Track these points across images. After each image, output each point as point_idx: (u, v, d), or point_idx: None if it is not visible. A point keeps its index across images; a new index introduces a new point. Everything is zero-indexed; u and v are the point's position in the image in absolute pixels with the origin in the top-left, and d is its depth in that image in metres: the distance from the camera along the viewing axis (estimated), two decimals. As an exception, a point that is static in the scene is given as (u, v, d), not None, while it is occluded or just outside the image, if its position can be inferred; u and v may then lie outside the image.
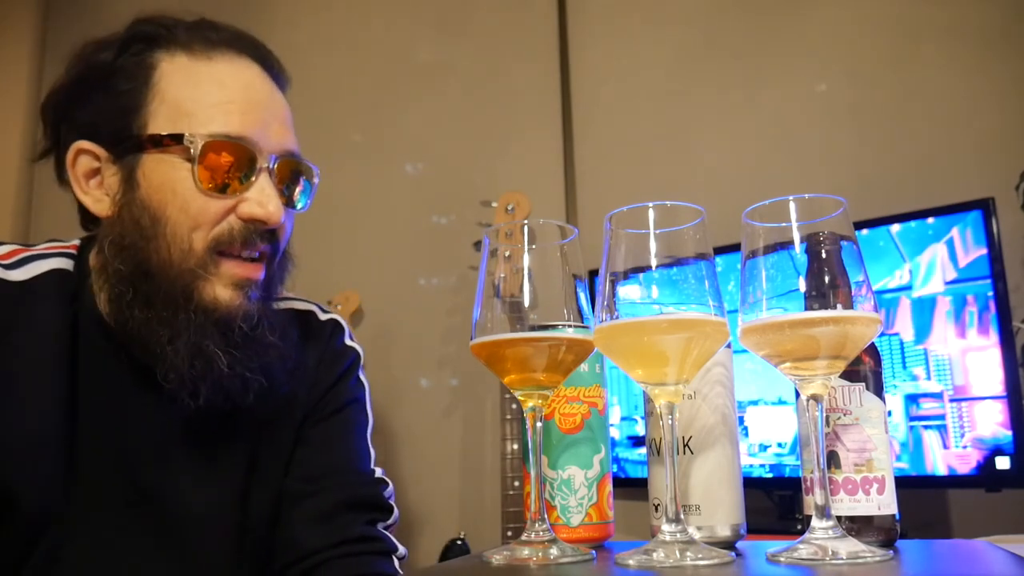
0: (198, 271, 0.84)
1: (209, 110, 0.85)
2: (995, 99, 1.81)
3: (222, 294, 0.85)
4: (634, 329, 0.61)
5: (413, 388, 2.37)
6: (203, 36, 0.89)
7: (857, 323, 0.59)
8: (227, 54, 0.89)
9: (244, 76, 0.89)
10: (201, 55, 0.87)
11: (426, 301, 2.41)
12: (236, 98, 0.86)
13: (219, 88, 0.86)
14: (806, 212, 0.62)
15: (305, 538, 0.91)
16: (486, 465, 2.24)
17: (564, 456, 0.74)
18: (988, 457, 1.41)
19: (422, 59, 2.57)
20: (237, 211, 0.85)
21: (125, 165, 0.86)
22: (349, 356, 1.03)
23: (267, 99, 0.90)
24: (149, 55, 0.87)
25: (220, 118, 0.85)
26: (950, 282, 1.48)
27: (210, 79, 0.87)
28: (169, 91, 0.86)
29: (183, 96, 0.86)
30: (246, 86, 0.88)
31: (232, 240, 0.85)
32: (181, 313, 0.83)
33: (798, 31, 2.06)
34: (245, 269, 0.86)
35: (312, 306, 1.05)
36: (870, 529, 0.66)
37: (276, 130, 0.88)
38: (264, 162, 0.86)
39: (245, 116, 0.86)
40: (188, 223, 0.84)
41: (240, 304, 0.85)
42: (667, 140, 2.18)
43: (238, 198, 0.85)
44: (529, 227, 0.68)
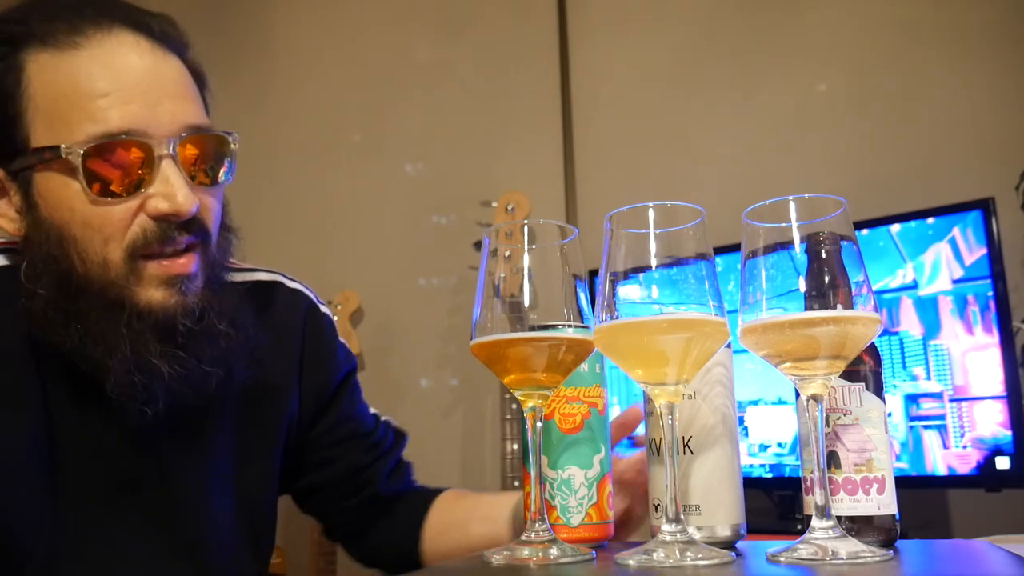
0: (121, 282, 0.78)
1: (85, 110, 0.76)
2: (995, 99, 1.81)
3: (154, 296, 0.79)
4: (634, 329, 0.61)
5: (413, 388, 2.37)
6: (64, 22, 0.78)
7: (857, 323, 0.59)
8: (94, 36, 0.78)
9: (118, 58, 0.78)
10: (65, 46, 0.78)
11: (426, 301, 2.40)
12: (111, 88, 0.77)
13: (89, 80, 0.77)
14: (806, 212, 0.62)
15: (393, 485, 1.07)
16: (486, 465, 2.24)
17: (564, 456, 0.74)
18: (988, 457, 1.41)
19: (422, 59, 2.57)
20: (145, 209, 0.78)
21: (22, 183, 0.80)
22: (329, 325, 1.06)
23: (150, 77, 0.79)
24: (14, 58, 0.78)
25: (96, 115, 0.76)
26: (952, 281, 1.48)
27: (78, 72, 0.77)
28: (38, 95, 0.78)
29: (52, 98, 0.77)
30: (122, 69, 0.78)
31: (148, 242, 0.78)
32: (114, 327, 0.78)
33: (798, 31, 2.06)
34: (171, 266, 0.80)
35: (278, 276, 1.03)
36: (870, 529, 0.66)
37: (168, 108, 0.79)
38: (162, 149, 0.78)
39: (125, 106, 0.76)
40: (96, 237, 0.77)
41: (176, 302, 0.79)
42: (667, 140, 2.18)
43: (143, 195, 0.78)
44: (529, 227, 0.68)
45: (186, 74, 0.84)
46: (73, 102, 0.77)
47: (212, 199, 0.84)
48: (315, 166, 2.60)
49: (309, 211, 2.59)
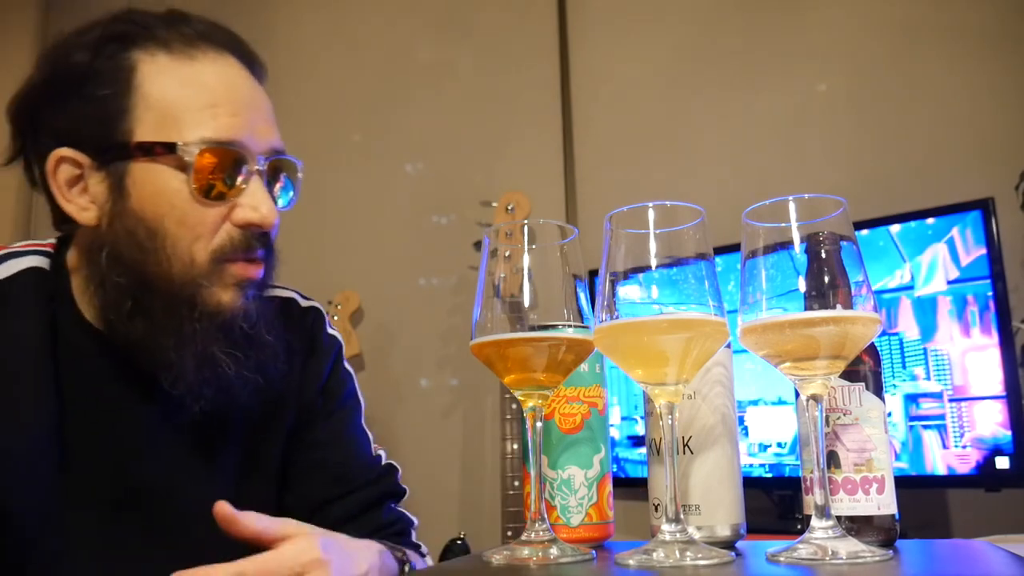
0: (201, 281, 0.82)
1: (197, 115, 0.82)
2: (995, 99, 1.81)
3: (225, 297, 0.83)
4: (634, 329, 0.61)
5: (413, 388, 2.38)
6: (180, 32, 0.85)
7: (857, 323, 0.59)
8: (208, 52, 0.85)
9: (227, 75, 0.85)
10: (182, 54, 0.84)
11: (426, 301, 2.41)
12: (222, 100, 0.83)
13: (205, 90, 0.83)
14: (806, 212, 0.62)
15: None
16: (486, 465, 2.24)
17: (564, 456, 0.74)
18: (988, 457, 1.41)
19: (422, 59, 2.57)
20: (232, 217, 0.83)
21: (112, 173, 0.82)
22: (335, 347, 1.04)
23: (251, 97, 0.87)
24: (126, 56, 0.83)
25: (210, 123, 0.82)
26: (952, 281, 1.48)
27: (194, 80, 0.83)
28: (153, 94, 0.82)
29: (168, 100, 0.82)
30: (231, 86, 0.85)
31: (234, 248, 0.83)
32: (186, 323, 0.81)
33: (798, 31, 2.06)
34: (246, 269, 0.85)
35: (293, 293, 1.04)
36: (870, 529, 0.66)
37: (262, 129, 0.86)
38: (254, 164, 0.84)
39: (234, 119, 0.83)
40: (188, 235, 0.81)
41: (240, 304, 0.84)
42: (667, 140, 2.18)
43: (231, 204, 0.83)
44: (529, 227, 0.68)
45: (269, 101, 0.91)
46: (187, 106, 0.82)
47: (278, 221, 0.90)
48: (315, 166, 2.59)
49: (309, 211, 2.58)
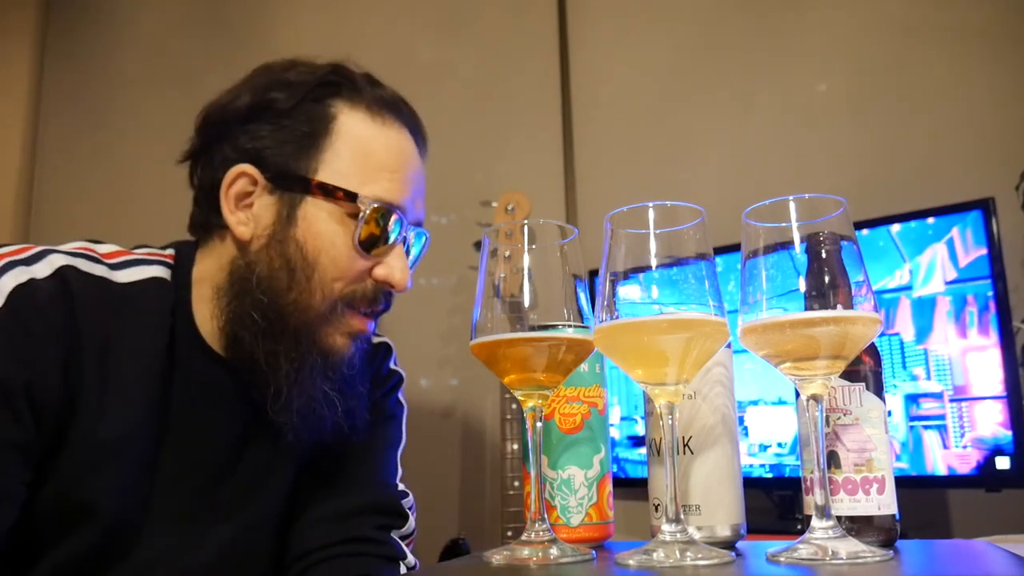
0: (328, 318, 0.88)
1: (378, 174, 0.89)
2: (995, 99, 1.81)
3: (339, 342, 0.89)
4: (634, 329, 0.61)
5: (413, 388, 2.37)
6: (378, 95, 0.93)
7: (857, 323, 0.59)
8: (395, 121, 0.93)
9: (407, 147, 0.94)
10: (377, 115, 0.92)
11: (426, 301, 2.41)
12: (400, 167, 0.91)
13: (389, 155, 0.91)
14: (806, 212, 0.62)
15: (311, 536, 0.92)
16: (486, 465, 2.24)
17: (564, 456, 0.74)
18: (988, 457, 1.41)
19: (422, 59, 2.57)
20: (373, 273, 0.90)
21: (285, 201, 0.88)
22: (393, 379, 1.08)
23: (417, 172, 0.94)
24: (331, 103, 0.91)
25: (388, 186, 0.89)
26: (950, 282, 1.48)
27: (383, 143, 0.91)
28: (347, 144, 0.89)
29: (359, 154, 0.90)
30: (408, 158, 0.93)
31: (364, 298, 0.90)
32: (306, 356, 0.87)
33: (798, 31, 2.06)
34: (363, 323, 0.91)
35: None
36: (870, 529, 0.66)
37: (419, 204, 0.95)
38: (405, 232, 0.92)
39: (404, 187, 0.91)
40: (335, 273, 0.88)
41: (350, 353, 0.90)
42: (667, 140, 2.18)
43: (375, 260, 0.90)
44: (529, 227, 0.68)
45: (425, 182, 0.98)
46: (370, 162, 0.90)
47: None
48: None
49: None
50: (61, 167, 2.96)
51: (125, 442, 0.83)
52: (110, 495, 0.83)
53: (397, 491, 1.00)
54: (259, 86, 0.92)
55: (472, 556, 0.72)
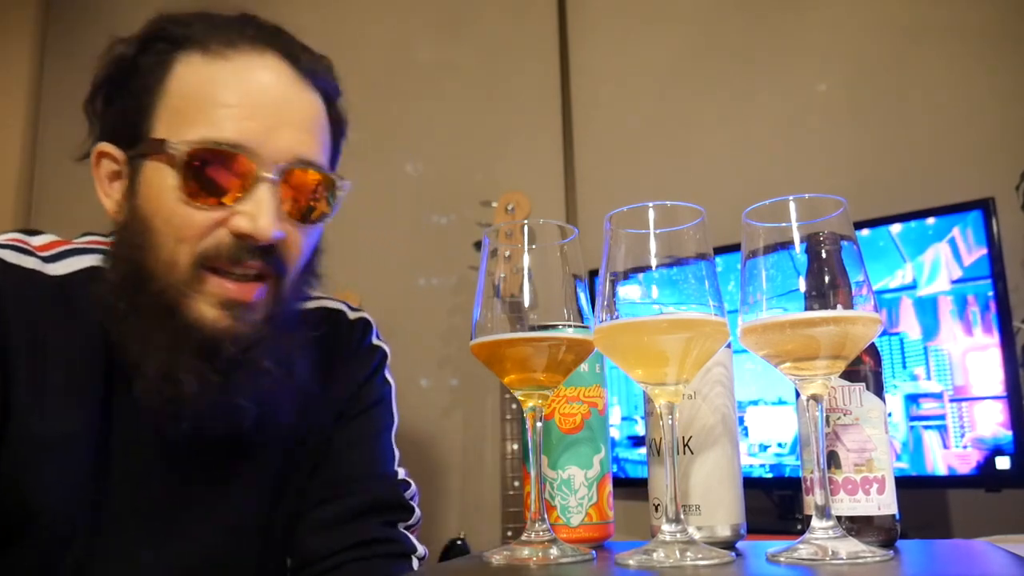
0: (183, 287, 0.78)
1: (207, 114, 0.79)
2: (995, 99, 1.81)
3: (207, 313, 0.79)
4: (634, 329, 0.61)
5: (413, 388, 2.37)
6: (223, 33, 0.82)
7: (857, 323, 0.59)
8: (247, 52, 0.82)
9: (258, 76, 0.81)
10: (217, 54, 0.81)
11: (426, 301, 2.41)
12: (241, 101, 0.79)
13: (224, 90, 0.80)
14: (806, 212, 0.62)
15: (318, 542, 0.89)
16: (486, 465, 2.24)
17: (564, 456, 0.74)
18: (988, 457, 1.41)
19: (422, 59, 2.57)
20: (228, 224, 0.78)
21: (133, 170, 0.82)
22: (376, 355, 1.00)
23: (279, 102, 0.81)
24: (168, 55, 0.82)
25: (217, 123, 0.78)
26: (956, 281, 1.48)
27: (218, 81, 0.80)
28: (174, 92, 0.81)
29: (183, 97, 0.80)
30: (257, 88, 0.81)
31: (219, 256, 0.78)
32: (159, 330, 0.78)
33: (798, 31, 2.06)
34: (232, 289, 0.79)
35: (342, 305, 1.02)
36: (870, 529, 0.66)
37: (286, 135, 0.80)
38: (265, 172, 0.79)
39: (245, 121, 0.79)
40: (173, 235, 0.78)
41: (228, 326, 0.79)
42: (667, 140, 2.18)
43: (231, 211, 0.78)
44: (529, 227, 0.67)
45: (320, 114, 0.86)
46: (199, 105, 0.79)
47: (302, 237, 0.84)
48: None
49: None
50: (61, 167, 2.96)
51: (65, 440, 0.80)
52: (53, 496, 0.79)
53: (398, 482, 0.95)
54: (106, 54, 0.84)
55: (472, 556, 0.72)
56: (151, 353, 0.78)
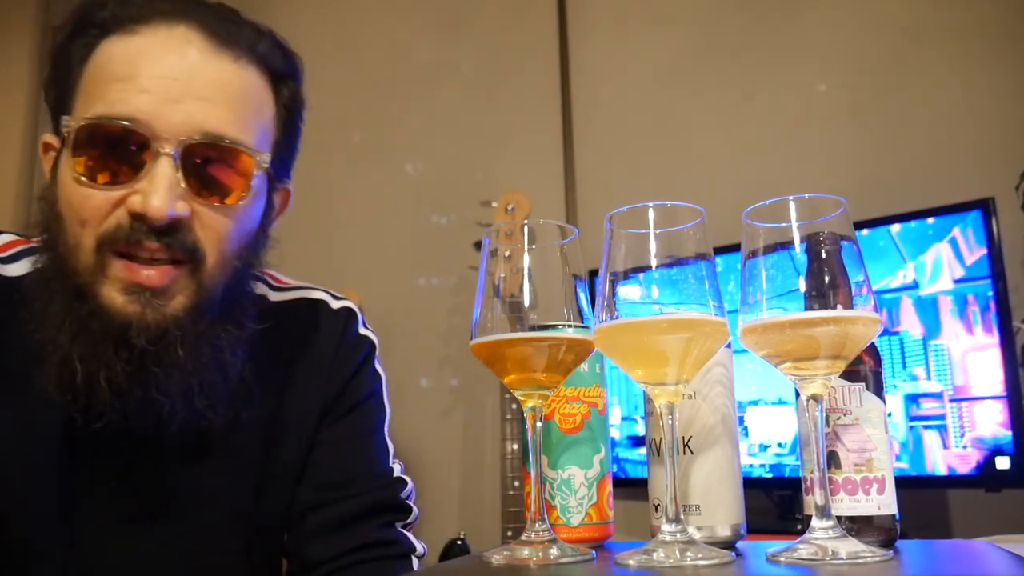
0: (89, 272, 0.74)
1: (104, 90, 0.74)
2: (995, 99, 1.81)
3: (114, 299, 0.74)
4: (634, 329, 0.61)
5: (413, 388, 2.37)
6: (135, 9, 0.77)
7: (857, 323, 0.59)
8: (156, 25, 0.76)
9: (160, 48, 0.76)
10: (130, 32, 0.76)
11: (426, 301, 2.41)
12: (134, 74, 0.74)
13: (120, 64, 0.75)
14: (806, 212, 0.62)
15: (317, 547, 0.87)
16: (486, 465, 2.24)
17: (564, 456, 0.74)
18: (988, 457, 1.41)
19: (422, 59, 2.57)
20: (126, 203, 0.73)
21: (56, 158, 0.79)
22: (364, 346, 0.97)
23: (184, 74, 0.75)
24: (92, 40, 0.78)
25: (109, 99, 0.74)
26: (956, 281, 1.48)
27: (120, 57, 0.75)
28: (89, 76, 0.77)
29: (94, 80, 0.76)
30: (155, 60, 0.75)
31: (118, 238, 0.73)
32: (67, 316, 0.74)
33: (798, 31, 2.06)
34: (135, 273, 0.74)
35: (324, 294, 0.99)
36: (870, 529, 0.66)
37: (188, 109, 0.74)
38: (164, 147, 0.73)
39: (139, 95, 0.73)
40: (74, 219, 0.74)
41: (134, 312, 0.73)
42: (667, 140, 2.18)
43: (130, 188, 0.73)
44: (529, 227, 0.67)
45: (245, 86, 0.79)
46: (100, 82, 0.75)
47: (220, 218, 0.77)
48: (315, 166, 2.60)
49: (309, 211, 2.59)
50: (61, 167, 2.96)
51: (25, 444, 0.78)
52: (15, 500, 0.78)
53: (395, 480, 0.93)
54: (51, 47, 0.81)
55: (472, 556, 0.72)
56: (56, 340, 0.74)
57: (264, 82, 0.83)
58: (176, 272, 0.76)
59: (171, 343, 0.75)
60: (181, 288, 0.76)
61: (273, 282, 0.97)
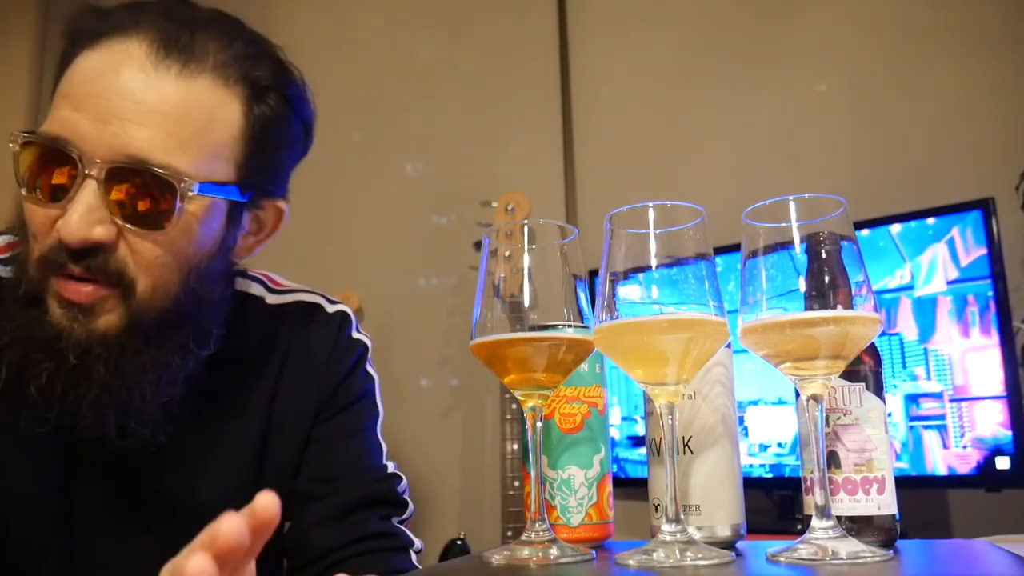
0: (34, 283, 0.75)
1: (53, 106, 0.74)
2: (995, 99, 1.81)
3: (54, 311, 0.74)
4: (634, 329, 0.61)
5: (413, 388, 2.37)
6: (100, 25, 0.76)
7: (857, 323, 0.59)
8: (113, 39, 0.75)
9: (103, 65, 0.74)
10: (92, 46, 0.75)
11: (426, 301, 2.41)
12: (75, 91, 0.73)
13: (69, 82, 0.74)
14: (806, 212, 0.62)
15: (319, 538, 0.88)
16: (486, 465, 2.24)
17: (564, 456, 0.74)
18: (988, 457, 1.41)
19: (422, 59, 2.57)
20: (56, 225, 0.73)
21: None
22: (357, 349, 0.99)
23: (119, 94, 0.72)
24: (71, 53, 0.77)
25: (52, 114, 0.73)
26: (952, 281, 1.48)
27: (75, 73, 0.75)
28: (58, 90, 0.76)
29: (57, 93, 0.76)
30: (93, 76, 0.73)
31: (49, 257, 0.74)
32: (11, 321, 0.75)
33: (798, 31, 2.06)
34: (65, 288, 0.74)
35: (319, 298, 1.00)
36: (870, 529, 0.66)
37: (115, 130, 0.72)
38: (90, 168, 0.72)
39: (71, 112, 0.72)
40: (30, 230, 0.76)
41: (65, 326, 0.74)
42: (667, 140, 2.18)
43: (62, 208, 0.73)
44: (529, 227, 0.68)
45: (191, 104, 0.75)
46: (56, 97, 0.75)
47: (148, 244, 0.75)
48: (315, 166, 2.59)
49: (309, 211, 2.59)
50: (61, 167, 2.96)
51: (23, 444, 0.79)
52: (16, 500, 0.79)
53: (389, 476, 0.95)
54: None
55: (472, 556, 0.72)
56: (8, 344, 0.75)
57: (227, 95, 0.78)
58: (104, 292, 0.75)
59: (95, 359, 0.75)
60: (110, 308, 0.75)
61: (271, 284, 0.98)
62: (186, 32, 0.76)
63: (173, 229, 0.75)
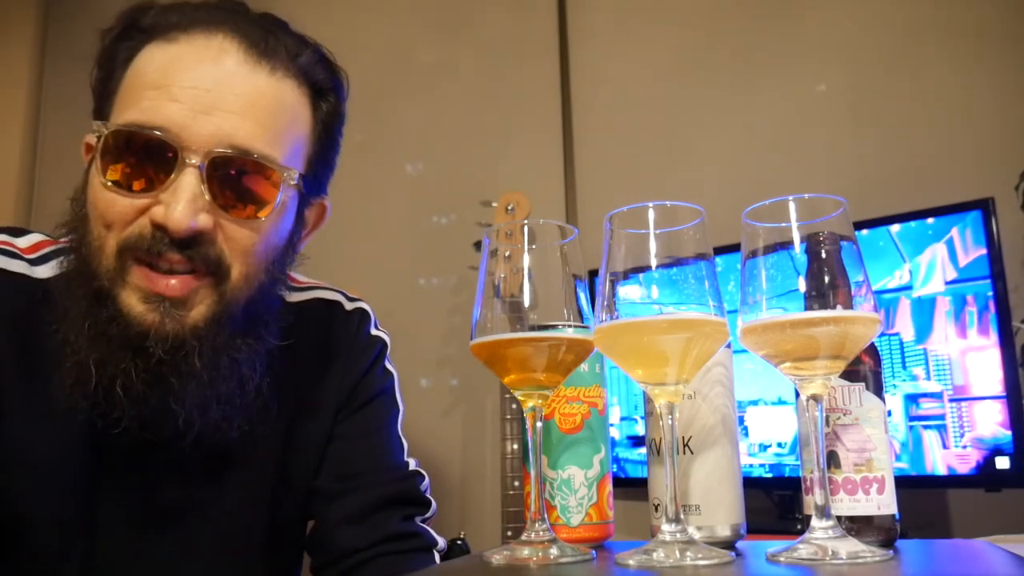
0: (111, 277, 0.74)
1: (138, 97, 0.74)
2: (995, 99, 1.81)
3: (133, 306, 0.73)
4: (634, 329, 0.61)
5: (413, 388, 2.37)
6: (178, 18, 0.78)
7: (857, 323, 0.59)
8: (197, 34, 0.76)
9: (196, 58, 0.75)
10: (171, 40, 0.77)
11: (426, 301, 2.40)
12: (167, 82, 0.74)
13: (155, 72, 0.75)
14: (806, 212, 0.62)
15: (343, 538, 0.88)
16: (486, 465, 2.24)
17: (564, 456, 0.74)
18: (988, 457, 1.41)
19: (422, 59, 2.57)
20: (150, 212, 0.73)
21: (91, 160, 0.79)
22: (376, 346, 0.99)
23: (218, 85, 0.74)
24: (136, 46, 0.78)
25: (141, 105, 0.74)
26: (950, 282, 1.48)
27: (158, 64, 0.75)
28: (127, 83, 0.77)
29: (132, 86, 0.76)
30: (189, 69, 0.74)
31: (139, 246, 0.73)
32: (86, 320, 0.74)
33: (798, 31, 2.06)
34: (155, 282, 0.73)
35: (338, 295, 1.00)
36: (870, 529, 0.66)
37: (217, 121, 0.73)
38: (192, 158, 0.73)
39: (170, 103, 0.73)
40: (101, 221, 0.75)
41: (152, 321, 0.73)
42: (667, 140, 2.18)
43: (154, 198, 0.73)
44: (529, 227, 0.68)
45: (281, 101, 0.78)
46: (136, 88, 0.75)
47: (245, 232, 0.77)
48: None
49: (309, 211, 2.59)
50: (61, 166, 2.96)
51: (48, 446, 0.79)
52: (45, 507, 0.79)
53: (410, 473, 0.94)
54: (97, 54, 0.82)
55: (472, 556, 0.72)
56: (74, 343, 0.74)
57: (302, 96, 0.82)
58: (197, 283, 0.75)
59: (188, 353, 0.75)
60: (202, 299, 0.76)
61: (290, 281, 0.98)
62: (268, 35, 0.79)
63: (268, 219, 0.78)
